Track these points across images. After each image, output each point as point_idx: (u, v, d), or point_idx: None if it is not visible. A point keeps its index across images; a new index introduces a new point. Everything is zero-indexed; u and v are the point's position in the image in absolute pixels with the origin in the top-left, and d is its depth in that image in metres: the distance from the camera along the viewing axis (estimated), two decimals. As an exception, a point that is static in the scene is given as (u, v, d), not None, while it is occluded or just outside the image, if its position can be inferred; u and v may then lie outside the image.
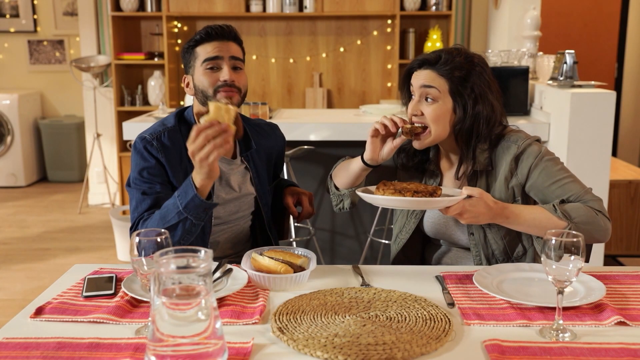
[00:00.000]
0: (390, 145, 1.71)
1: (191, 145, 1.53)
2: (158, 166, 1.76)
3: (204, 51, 1.78)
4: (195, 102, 1.85)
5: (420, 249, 1.93)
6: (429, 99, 1.68)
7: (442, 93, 1.67)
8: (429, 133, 1.69)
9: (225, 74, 1.77)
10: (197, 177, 1.58)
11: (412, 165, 1.84)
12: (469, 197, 1.54)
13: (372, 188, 1.69)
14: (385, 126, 1.68)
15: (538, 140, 1.73)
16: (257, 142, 1.94)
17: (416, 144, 1.71)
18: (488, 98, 1.68)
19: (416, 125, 1.68)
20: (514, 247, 1.75)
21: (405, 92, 1.78)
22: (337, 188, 1.85)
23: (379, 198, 1.56)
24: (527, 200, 1.73)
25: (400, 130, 1.68)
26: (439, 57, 1.69)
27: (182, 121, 1.86)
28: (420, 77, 1.69)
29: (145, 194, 1.73)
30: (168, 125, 1.82)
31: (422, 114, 1.69)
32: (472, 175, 1.73)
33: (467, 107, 1.67)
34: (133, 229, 1.72)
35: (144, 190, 1.73)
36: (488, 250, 1.74)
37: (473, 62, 1.69)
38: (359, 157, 1.76)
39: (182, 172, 1.78)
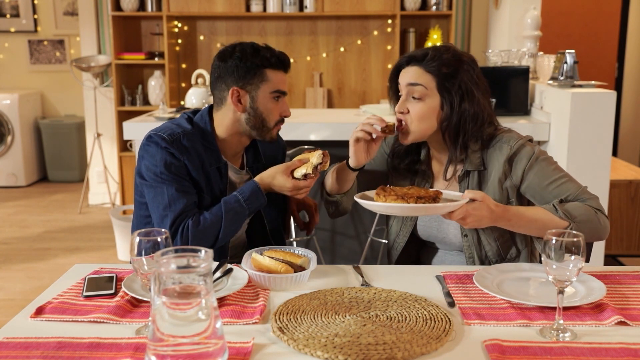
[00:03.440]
0: (373, 146, 1.71)
1: (301, 187, 1.73)
2: (184, 166, 1.73)
3: (276, 79, 1.75)
4: (235, 119, 1.79)
5: (416, 253, 1.92)
6: (415, 98, 1.68)
7: (429, 90, 1.67)
8: (407, 128, 1.69)
9: (287, 110, 1.81)
10: (273, 189, 1.76)
11: (404, 167, 1.83)
12: (471, 200, 1.53)
13: (370, 193, 1.67)
14: (367, 132, 1.68)
15: (530, 140, 1.72)
16: (264, 152, 1.94)
17: (401, 139, 1.72)
18: (475, 96, 1.68)
19: (392, 123, 1.68)
20: (508, 248, 1.75)
21: (393, 90, 1.78)
22: (328, 194, 1.84)
23: (380, 205, 1.54)
24: (521, 201, 1.73)
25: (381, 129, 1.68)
26: (426, 53, 1.69)
27: (196, 127, 1.81)
28: (406, 75, 1.70)
29: (179, 191, 1.69)
30: (186, 128, 1.78)
31: (408, 112, 1.69)
32: (464, 175, 1.72)
33: (453, 104, 1.66)
34: (175, 228, 1.66)
35: (177, 187, 1.69)
36: (481, 251, 1.73)
37: (461, 59, 1.69)
38: (344, 163, 1.76)
39: (204, 174, 1.76)
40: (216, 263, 1.54)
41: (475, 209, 1.51)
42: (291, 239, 3.30)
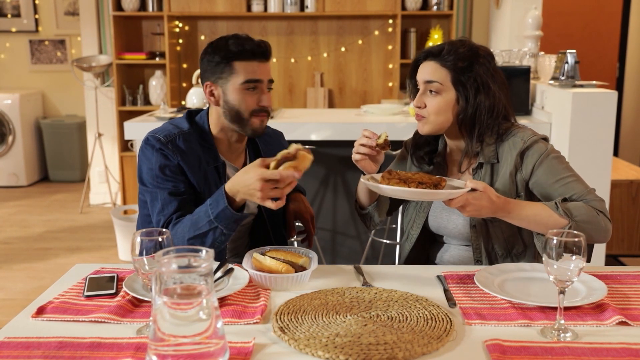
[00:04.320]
0: (376, 157, 1.72)
1: (268, 186, 1.52)
2: (179, 166, 1.74)
3: (244, 70, 1.73)
4: (217, 114, 1.80)
5: (426, 250, 1.93)
6: (432, 92, 1.72)
7: (445, 85, 1.70)
8: (426, 122, 1.71)
9: (265, 99, 1.76)
10: (239, 197, 1.58)
11: (422, 156, 1.85)
12: (473, 190, 1.54)
13: (378, 176, 1.69)
14: (362, 153, 1.70)
15: (545, 139, 1.74)
16: (265, 151, 1.93)
17: (420, 129, 1.76)
18: (491, 89, 1.70)
19: (384, 137, 1.69)
20: (515, 243, 1.76)
21: (412, 85, 1.81)
22: (362, 208, 1.87)
23: (382, 187, 1.55)
24: (531, 197, 1.73)
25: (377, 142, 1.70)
26: (442, 48, 1.72)
27: (195, 126, 1.82)
28: (423, 71, 1.73)
29: (172, 194, 1.70)
30: (183, 128, 1.79)
31: (425, 106, 1.73)
32: (478, 168, 1.75)
33: (469, 97, 1.69)
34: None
35: (170, 191, 1.71)
36: (488, 244, 1.75)
37: (477, 53, 1.72)
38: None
39: (202, 174, 1.76)
40: (217, 263, 1.54)
41: (475, 198, 1.53)
42: (292, 239, 3.30)
